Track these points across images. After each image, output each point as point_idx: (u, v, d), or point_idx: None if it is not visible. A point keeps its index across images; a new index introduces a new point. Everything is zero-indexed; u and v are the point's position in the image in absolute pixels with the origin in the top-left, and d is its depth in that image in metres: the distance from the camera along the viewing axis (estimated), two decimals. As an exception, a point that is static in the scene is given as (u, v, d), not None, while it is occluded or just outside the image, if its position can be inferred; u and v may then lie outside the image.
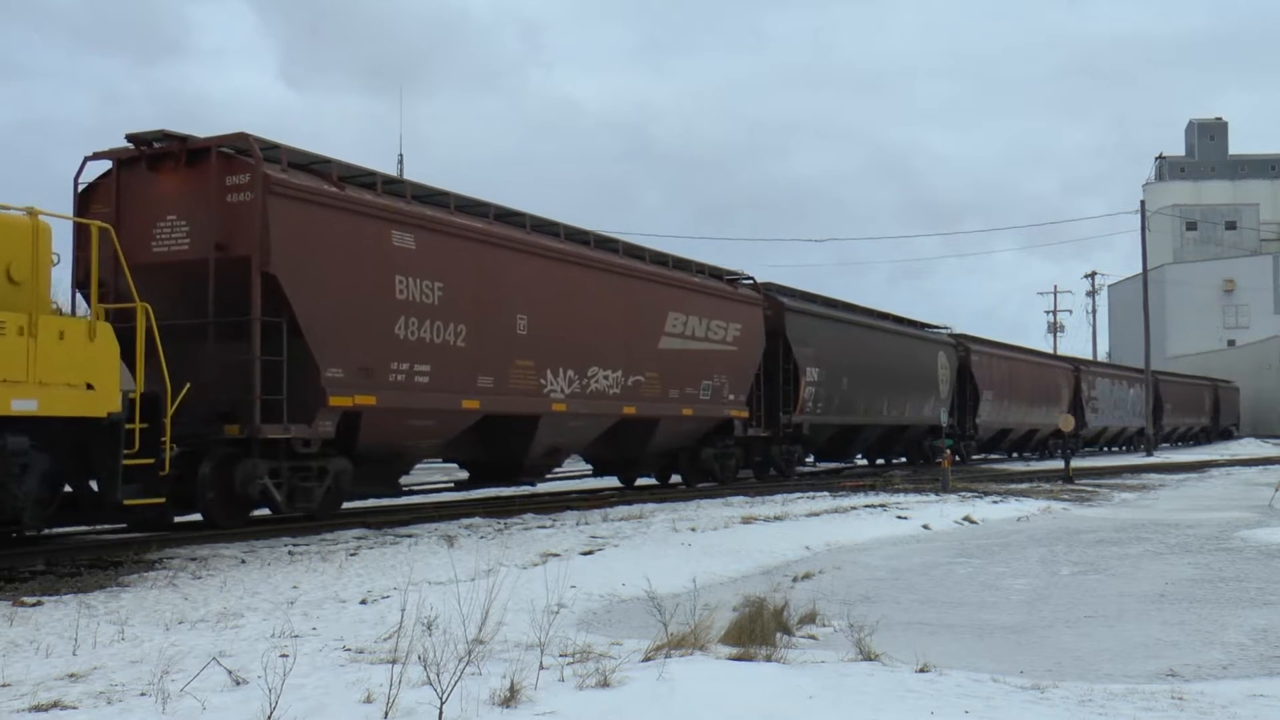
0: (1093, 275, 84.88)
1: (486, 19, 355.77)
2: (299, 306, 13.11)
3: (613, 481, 23.78)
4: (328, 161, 14.15)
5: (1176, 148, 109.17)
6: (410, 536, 13.34)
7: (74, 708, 5.69)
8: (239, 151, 13.23)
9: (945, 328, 36.39)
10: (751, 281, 24.01)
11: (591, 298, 18.22)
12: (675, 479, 23.69)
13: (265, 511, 14.35)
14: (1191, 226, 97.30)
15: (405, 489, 17.75)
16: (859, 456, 34.07)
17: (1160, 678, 6.75)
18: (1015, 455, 44.09)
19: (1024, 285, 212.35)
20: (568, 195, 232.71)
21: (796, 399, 24.96)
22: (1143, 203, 55.54)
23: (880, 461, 34.68)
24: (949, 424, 33.43)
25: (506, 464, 17.65)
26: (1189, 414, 62.61)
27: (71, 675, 6.40)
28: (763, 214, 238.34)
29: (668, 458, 22.27)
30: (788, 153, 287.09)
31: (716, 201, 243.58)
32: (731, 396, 22.37)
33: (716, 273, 22.78)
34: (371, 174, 14.70)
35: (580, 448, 20.19)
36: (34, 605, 8.74)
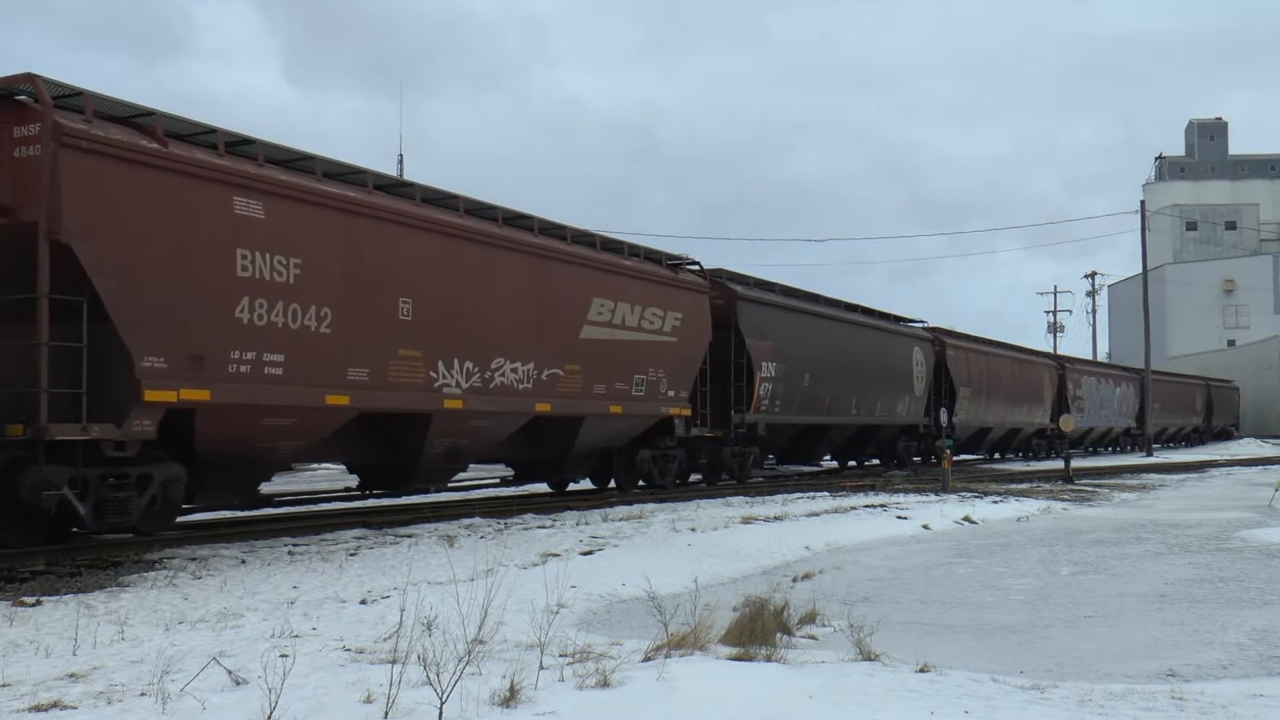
0: (1093, 275, 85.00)
1: (490, 17, 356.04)
2: (104, 283, 11.00)
3: (534, 488, 21.24)
4: (151, 114, 11.96)
5: (1182, 147, 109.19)
6: (410, 536, 13.34)
7: (74, 708, 5.69)
8: (34, 99, 11.08)
9: (920, 321, 34.26)
10: (698, 267, 21.80)
11: (497, 280, 15.90)
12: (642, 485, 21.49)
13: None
14: (1191, 226, 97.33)
15: (287, 497, 16.69)
16: (827, 458, 32.36)
17: (1160, 678, 6.75)
18: (996, 456, 42.53)
19: (1027, 285, 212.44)
20: (571, 194, 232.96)
21: (751, 396, 22.82)
22: (1143, 203, 55.52)
23: (852, 464, 32.93)
24: (924, 423, 32.61)
25: (398, 468, 15.68)
26: (1179, 414, 60.29)
27: (71, 675, 6.40)
28: (766, 213, 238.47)
29: (599, 460, 20.18)
30: (791, 151, 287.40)
31: (720, 200, 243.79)
32: (671, 393, 20.16)
33: (655, 256, 20.44)
34: (212, 130, 12.52)
35: (489, 450, 17.76)
36: (34, 605, 8.74)
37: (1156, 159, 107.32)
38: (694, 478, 23.29)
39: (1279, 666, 7.12)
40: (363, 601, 9.04)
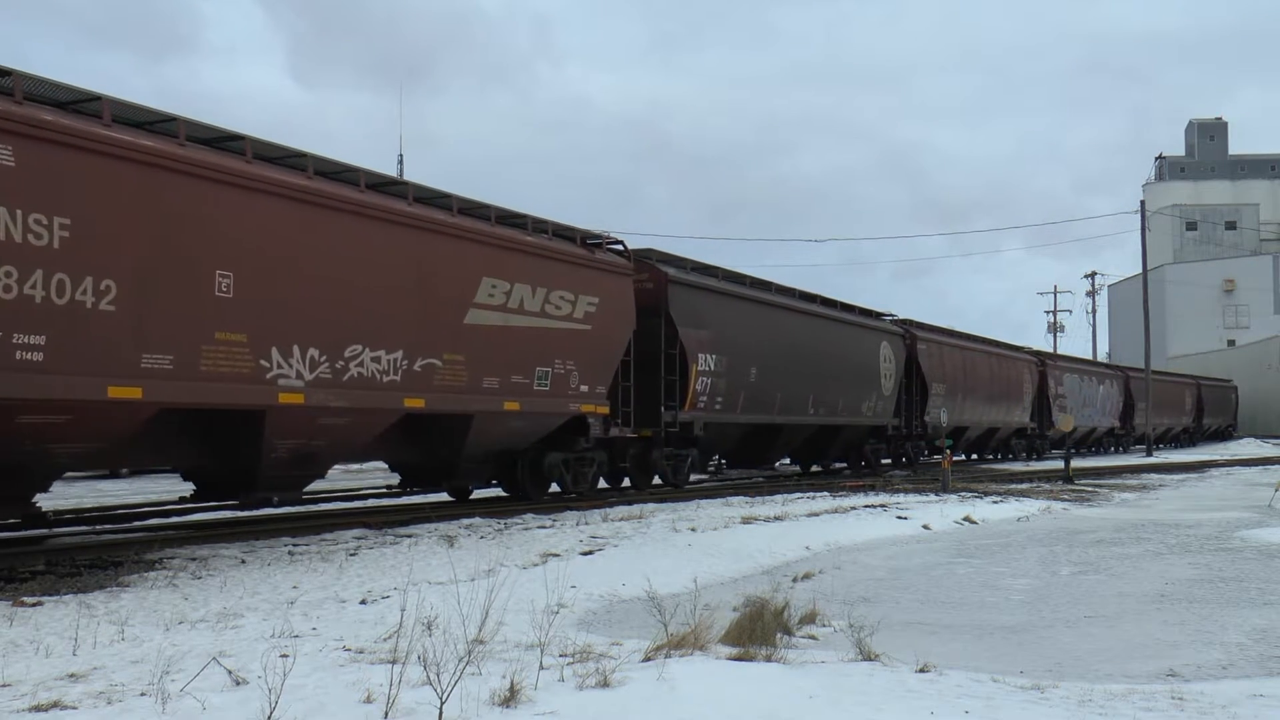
0: (1093, 275, 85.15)
1: (497, 13, 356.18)
2: None
3: (434, 497, 19.23)
4: None
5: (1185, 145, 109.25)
6: (410, 537, 13.34)
7: (74, 708, 5.69)
8: None
9: (890, 314, 31.99)
10: (620, 247, 19.41)
11: (356, 255, 13.53)
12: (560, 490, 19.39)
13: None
14: (1191, 226, 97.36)
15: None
16: (785, 460, 30.30)
17: (1160, 678, 6.75)
18: (974, 456, 40.70)
19: (1030, 285, 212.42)
20: (575, 193, 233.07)
21: (686, 392, 20.48)
22: (1143, 203, 55.56)
23: (816, 468, 30.46)
24: (894, 424, 30.60)
25: (236, 474, 13.32)
26: (1167, 413, 57.55)
27: (71, 675, 6.40)
28: (771, 212, 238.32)
29: (500, 464, 17.77)
30: (797, 150, 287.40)
31: (725, 199, 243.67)
32: (584, 388, 17.77)
33: (567, 233, 17.92)
34: None
35: (354, 453, 15.51)
36: (34, 605, 8.74)
37: (1156, 159, 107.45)
38: (639, 483, 21.35)
39: (1279, 666, 7.12)
40: (363, 601, 9.04)
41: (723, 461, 27.67)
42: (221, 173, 12.01)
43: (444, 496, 19.07)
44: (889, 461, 31.85)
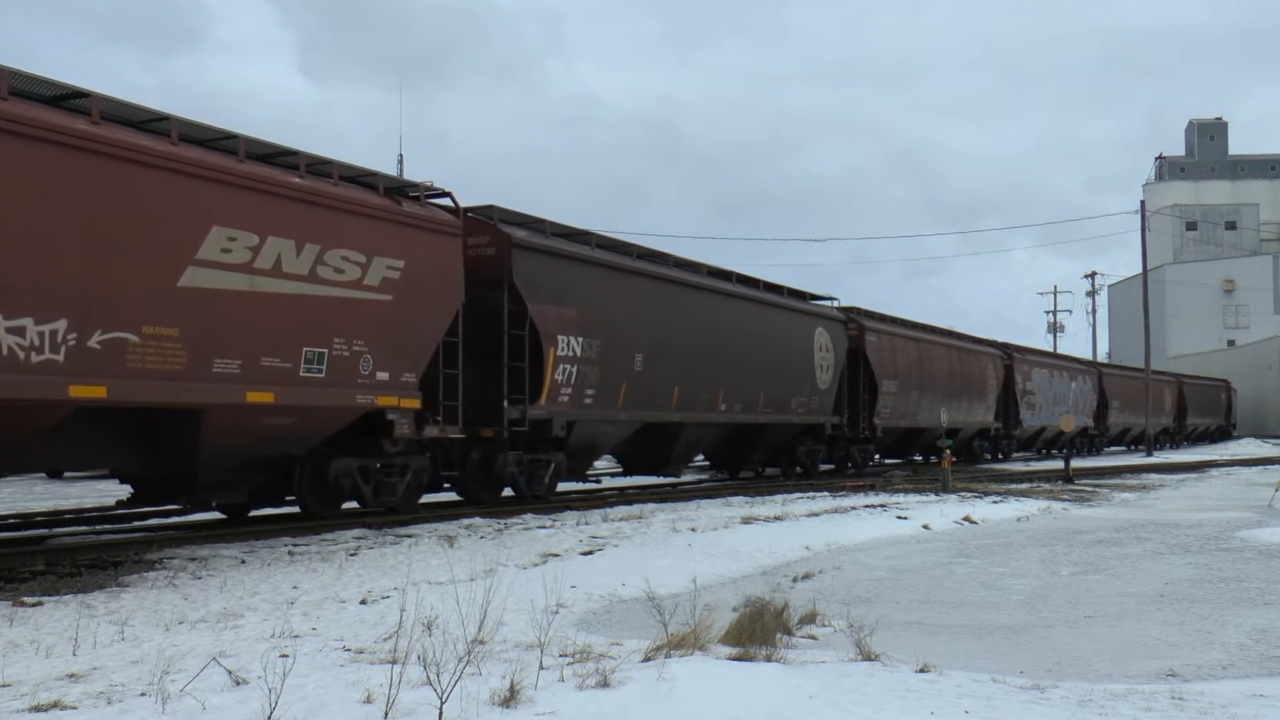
0: (1093, 275, 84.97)
1: (509, 10, 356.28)
2: None
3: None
4: None
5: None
6: (410, 537, 13.34)
7: (74, 708, 5.69)
8: None
9: (831, 299, 28.23)
10: (447, 200, 15.67)
11: None
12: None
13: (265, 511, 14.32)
14: (1191, 226, 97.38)
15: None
16: (700, 459, 26.75)
17: (1160, 678, 6.75)
18: (934, 460, 35.71)
19: (1038, 284, 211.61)
20: (586, 192, 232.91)
21: (543, 383, 16.99)
22: (1143, 203, 55.57)
23: (748, 475, 27.02)
24: (833, 423, 27.09)
25: None
26: (1143, 413, 52.24)
27: (71, 675, 6.40)
28: (781, 210, 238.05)
29: (270, 472, 14.03)
30: (808, 147, 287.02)
31: (735, 198, 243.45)
32: (383, 375, 14.13)
33: (365, 178, 14.30)
34: None
35: (8, 458, 11.72)
36: (34, 605, 8.74)
37: (1156, 159, 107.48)
38: (480, 494, 17.59)
39: (1279, 666, 7.12)
40: (363, 601, 9.04)
41: (618, 466, 24.09)
42: None
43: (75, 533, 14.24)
44: (831, 467, 28.62)
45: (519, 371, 16.59)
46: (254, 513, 15.53)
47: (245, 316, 12.30)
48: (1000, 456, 39.59)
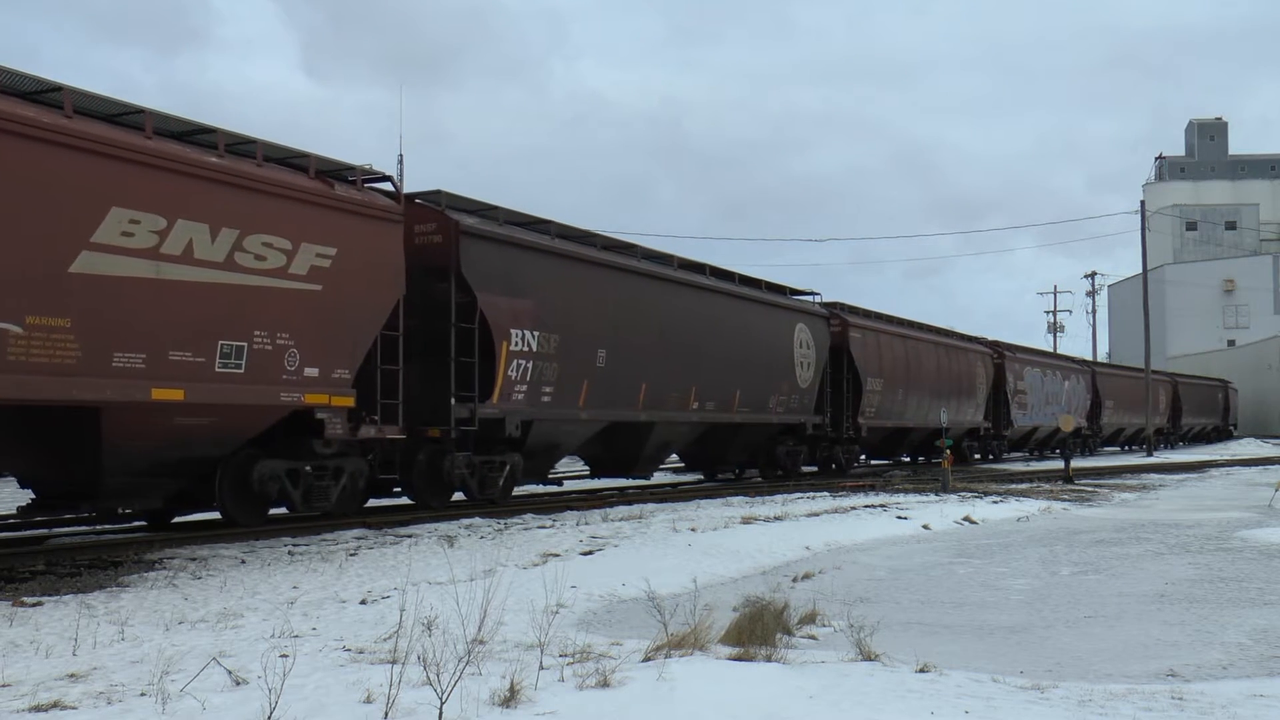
0: (1093, 275, 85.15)
1: (513, 8, 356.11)
2: None
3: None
4: None
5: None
6: (410, 537, 13.34)
7: (74, 708, 5.69)
8: None
9: (813, 294, 27.20)
10: (388, 185, 14.69)
11: None
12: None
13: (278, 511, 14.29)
14: (1191, 226, 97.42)
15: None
16: (673, 458, 25.75)
17: (1160, 678, 6.75)
18: (921, 460, 35.69)
19: (1040, 284, 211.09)
20: (590, 191, 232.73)
21: (495, 379, 15.98)
22: (1143, 203, 55.58)
23: (725, 476, 26.27)
24: (814, 422, 26.28)
25: None
26: (1138, 413, 51.68)
27: (71, 675, 6.40)
28: (784, 210, 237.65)
29: (187, 475, 12.91)
30: (812, 147, 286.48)
31: (738, 198, 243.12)
32: (311, 371, 13.15)
33: (296, 159, 13.34)
34: None
35: None
36: (34, 605, 8.74)
37: (1156, 159, 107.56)
38: (425, 498, 16.42)
39: (1279, 666, 7.12)
40: (363, 601, 9.05)
41: (585, 467, 22.94)
42: None
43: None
44: (814, 469, 27.93)
45: (468, 367, 15.62)
46: (178, 519, 14.51)
47: (150, 306, 11.33)
48: (990, 457, 38.91)
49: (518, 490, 18.60)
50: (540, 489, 20.57)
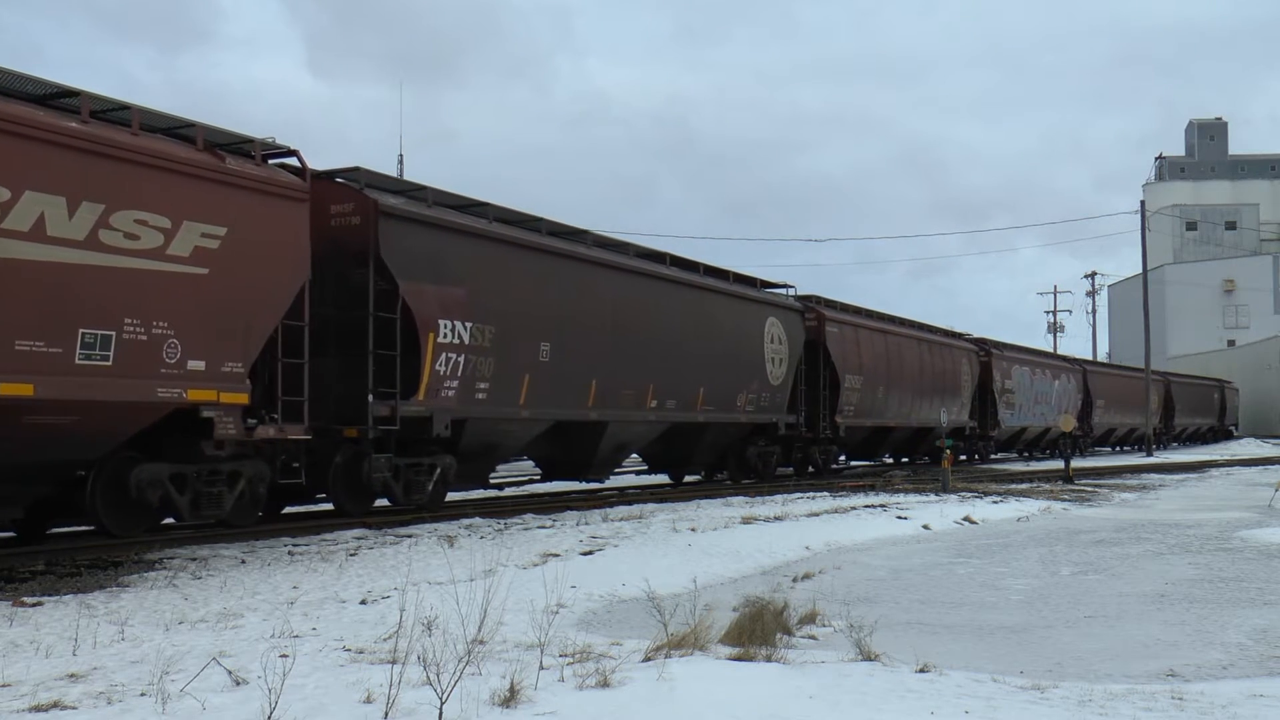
0: (1093, 275, 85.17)
1: (518, 5, 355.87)
2: None
3: None
4: None
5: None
6: (410, 537, 13.34)
7: (74, 708, 5.70)
8: None
9: (787, 287, 25.92)
10: (294, 160, 13.17)
11: None
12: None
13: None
14: (1191, 226, 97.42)
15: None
16: (635, 458, 23.92)
17: (1160, 678, 6.76)
18: (905, 461, 34.59)
19: (1044, 284, 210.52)
20: (594, 189, 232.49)
21: (421, 375, 14.67)
22: (1143, 203, 55.57)
23: (694, 477, 24.95)
24: (788, 421, 24.85)
25: None
26: (1129, 412, 50.61)
27: (71, 675, 6.40)
28: (788, 209, 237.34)
29: (43, 484, 11.49)
30: (817, 146, 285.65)
31: (743, 197, 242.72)
32: (196, 364, 11.62)
33: (175, 128, 11.95)
34: None
35: None
36: (34, 605, 8.74)
37: (1156, 159, 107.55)
38: (344, 504, 14.96)
39: (1279, 666, 7.12)
40: (363, 601, 9.05)
41: (536, 470, 21.64)
42: None
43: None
44: (790, 470, 26.57)
45: (389, 361, 14.19)
46: (55, 530, 12.97)
47: None
48: (976, 458, 37.67)
49: (454, 495, 17.57)
50: (541, 489, 20.52)
